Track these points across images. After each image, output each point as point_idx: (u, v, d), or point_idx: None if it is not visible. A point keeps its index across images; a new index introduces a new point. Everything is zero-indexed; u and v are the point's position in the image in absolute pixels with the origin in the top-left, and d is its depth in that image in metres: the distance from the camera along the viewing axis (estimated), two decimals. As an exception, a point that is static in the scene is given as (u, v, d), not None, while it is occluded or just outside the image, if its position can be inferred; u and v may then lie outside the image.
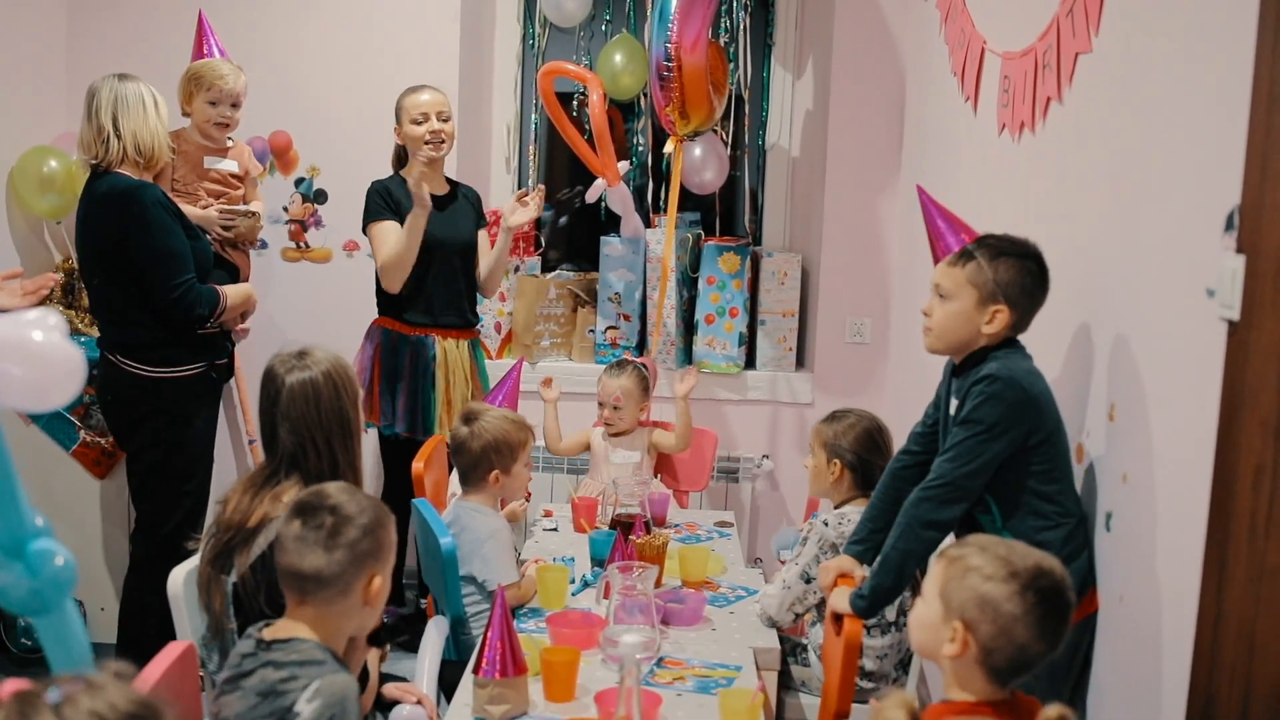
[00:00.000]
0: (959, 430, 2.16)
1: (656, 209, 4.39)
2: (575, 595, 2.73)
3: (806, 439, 3.47)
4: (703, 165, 4.09)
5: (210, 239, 3.48)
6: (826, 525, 2.70)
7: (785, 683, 2.72)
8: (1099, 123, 2.22)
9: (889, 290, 4.19)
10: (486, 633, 2.11)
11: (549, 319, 4.34)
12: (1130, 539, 2.00)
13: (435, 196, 3.69)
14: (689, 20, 3.66)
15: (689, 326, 4.28)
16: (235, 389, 4.07)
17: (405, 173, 3.69)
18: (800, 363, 4.36)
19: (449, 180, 3.82)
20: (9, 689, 1.09)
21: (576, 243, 4.63)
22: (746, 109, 4.42)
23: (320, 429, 2.28)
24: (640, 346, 4.26)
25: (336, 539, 1.86)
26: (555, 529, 3.27)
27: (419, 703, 2.26)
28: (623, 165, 4.05)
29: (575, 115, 4.29)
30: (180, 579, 2.25)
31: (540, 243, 4.52)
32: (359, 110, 4.13)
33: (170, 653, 1.95)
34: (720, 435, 4.07)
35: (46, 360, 1.60)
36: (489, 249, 3.84)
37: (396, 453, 3.72)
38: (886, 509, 2.40)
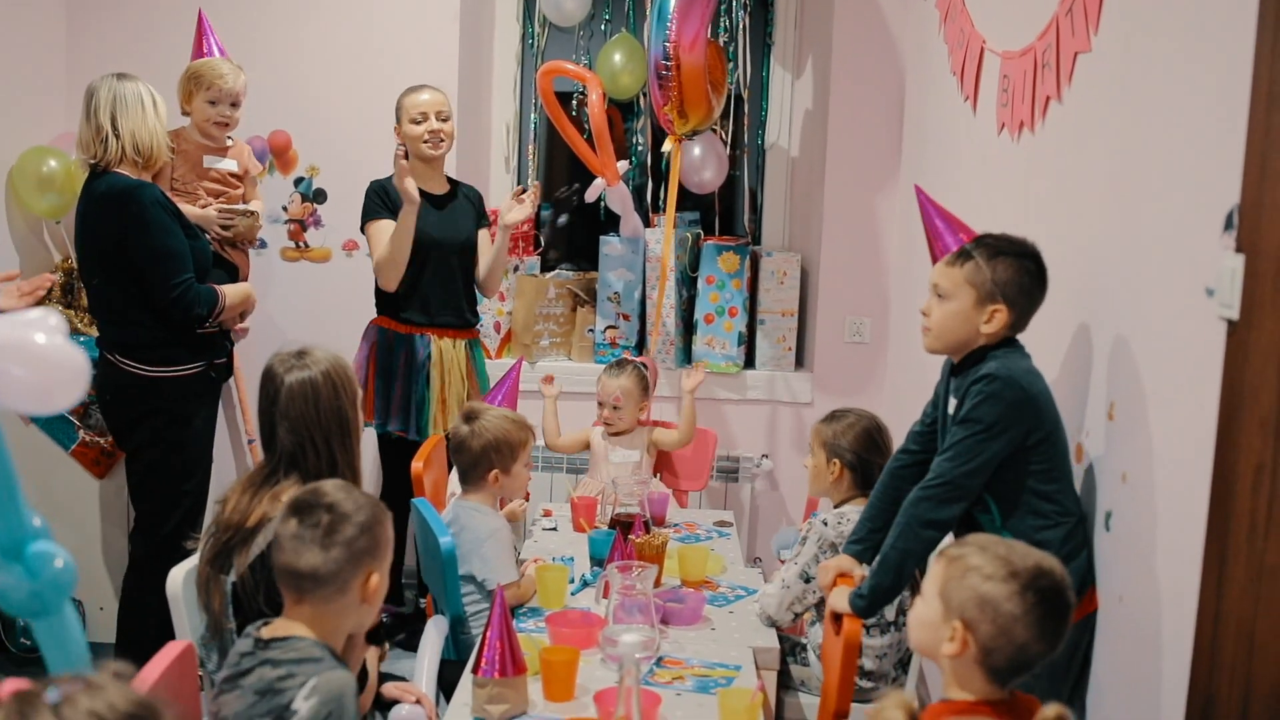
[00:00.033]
0: (958, 429, 2.16)
1: (656, 208, 4.39)
2: (574, 595, 2.73)
3: (806, 438, 3.47)
4: (702, 165, 4.09)
5: (209, 238, 3.48)
6: (826, 525, 2.70)
7: (784, 682, 2.72)
8: (1098, 122, 2.21)
9: (888, 290, 4.19)
10: (486, 632, 2.11)
11: (548, 318, 4.34)
12: (1130, 538, 2.00)
13: (434, 196, 3.69)
14: (688, 19, 3.66)
15: (688, 326, 4.28)
16: (234, 388, 4.07)
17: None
18: (799, 362, 4.36)
19: (450, 180, 3.82)
20: (8, 689, 1.09)
21: (576, 242, 4.63)
22: (746, 108, 4.42)
23: (319, 428, 2.28)
24: (639, 346, 4.26)
25: (333, 537, 1.86)
26: (554, 528, 3.27)
27: (418, 702, 2.26)
28: (622, 165, 4.05)
29: (574, 115, 4.29)
30: (179, 578, 2.25)
31: (539, 242, 4.52)
32: (359, 110, 4.13)
33: (169, 652, 1.95)
34: (720, 435, 4.07)
35: (50, 363, 1.60)
36: (490, 248, 3.84)
37: (396, 452, 3.71)
38: (885, 508, 2.40)
